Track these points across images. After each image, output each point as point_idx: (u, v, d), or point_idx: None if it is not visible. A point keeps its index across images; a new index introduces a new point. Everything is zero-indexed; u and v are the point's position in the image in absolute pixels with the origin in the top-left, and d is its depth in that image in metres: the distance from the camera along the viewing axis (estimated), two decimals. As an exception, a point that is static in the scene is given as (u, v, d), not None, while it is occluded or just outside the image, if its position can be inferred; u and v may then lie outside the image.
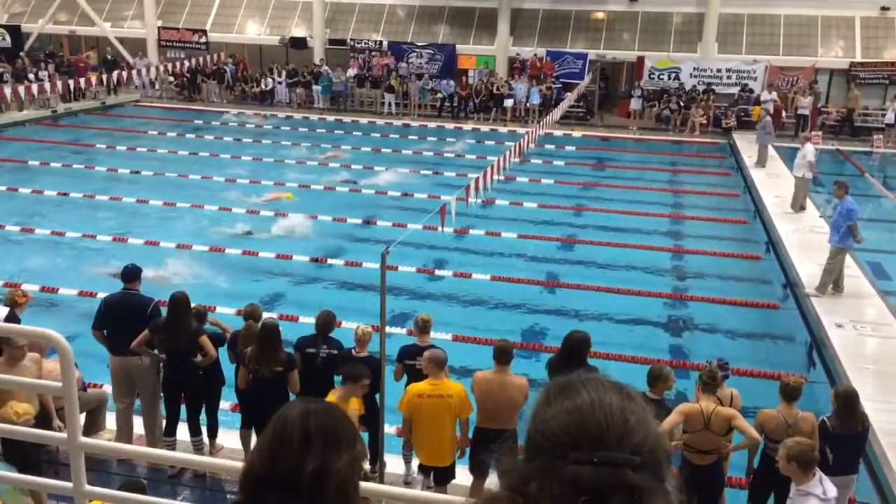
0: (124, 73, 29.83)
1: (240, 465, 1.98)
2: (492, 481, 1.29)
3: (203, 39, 32.71)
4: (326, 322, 7.45)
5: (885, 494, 7.47)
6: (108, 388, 8.14)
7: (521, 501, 1.20)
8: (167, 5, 33.82)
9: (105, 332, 7.60)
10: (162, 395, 7.69)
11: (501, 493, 1.24)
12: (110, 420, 7.85)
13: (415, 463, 7.21)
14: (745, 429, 6.17)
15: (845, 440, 6.43)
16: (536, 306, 12.34)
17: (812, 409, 6.83)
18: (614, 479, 1.14)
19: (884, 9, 27.78)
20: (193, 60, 31.30)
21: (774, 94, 26.72)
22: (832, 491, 5.39)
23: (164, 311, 7.54)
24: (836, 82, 28.30)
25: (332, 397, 6.38)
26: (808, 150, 16.57)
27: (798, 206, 16.67)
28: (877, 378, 9.43)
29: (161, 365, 7.58)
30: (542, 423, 1.24)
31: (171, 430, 7.60)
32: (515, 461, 1.25)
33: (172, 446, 7.46)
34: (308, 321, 8.71)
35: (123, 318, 7.48)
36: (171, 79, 31.41)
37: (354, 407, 6.36)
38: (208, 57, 31.92)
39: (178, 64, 31.30)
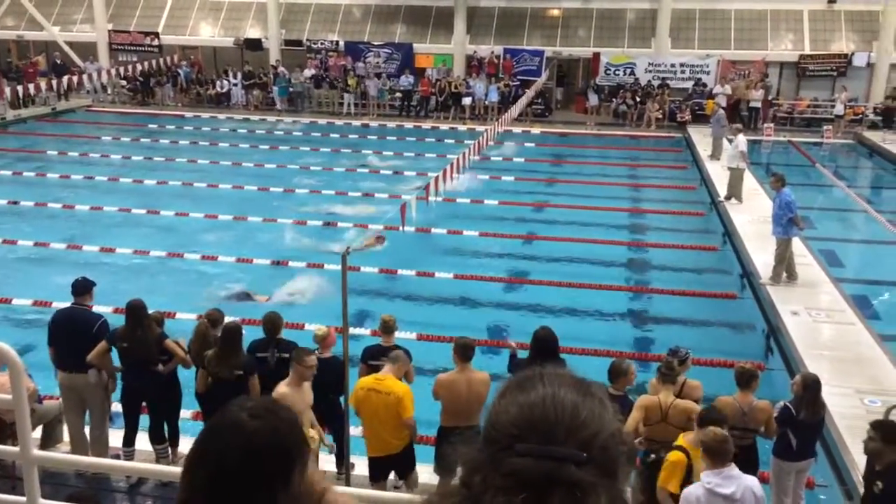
0: (75, 78, 29.22)
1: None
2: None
3: (155, 42, 32.19)
4: (274, 324, 7.36)
5: (843, 476, 7.64)
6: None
7: (466, 494, 1.17)
8: (117, 8, 33.19)
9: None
10: (120, 405, 7.55)
11: (449, 487, 1.23)
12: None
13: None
14: None
15: (810, 427, 6.56)
16: (500, 303, 12.39)
17: (770, 395, 6.96)
18: (556, 474, 1.12)
19: (830, 1, 28.45)
20: (146, 63, 30.79)
21: (728, 88, 27.19)
22: (741, 491, 5.19)
23: (112, 326, 7.40)
24: (786, 75, 28.91)
25: (283, 388, 6.33)
26: (741, 141, 16.95)
27: (736, 197, 16.97)
28: (832, 363, 9.64)
29: (109, 378, 7.43)
30: (494, 415, 1.23)
31: (129, 440, 7.46)
32: (471, 454, 1.22)
33: (131, 456, 7.33)
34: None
35: (69, 334, 7.30)
36: (124, 82, 30.85)
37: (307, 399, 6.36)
38: (161, 60, 31.42)
39: (130, 67, 30.75)
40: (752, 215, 15.92)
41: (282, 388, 6.29)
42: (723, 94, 26.64)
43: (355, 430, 7.29)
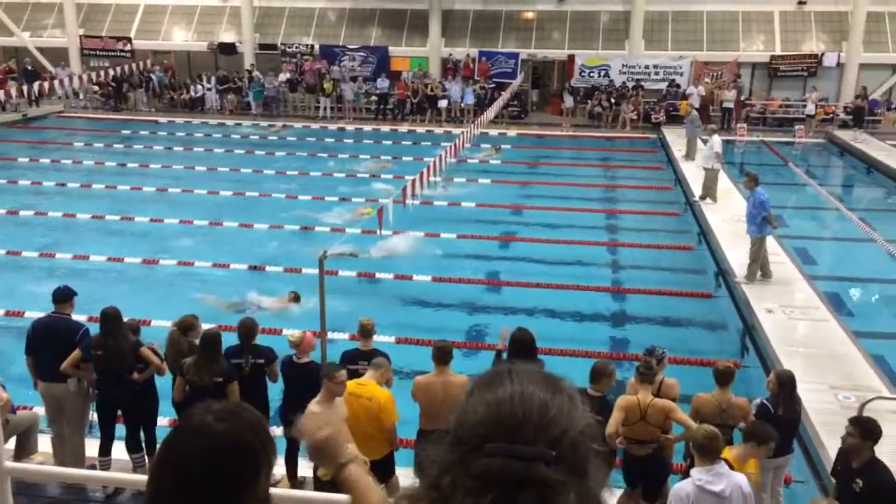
0: (46, 84, 28.85)
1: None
2: None
3: (128, 47, 31.86)
4: (250, 330, 7.30)
5: (819, 471, 7.73)
6: (38, 410, 7.87)
7: (436, 496, 1.16)
8: (89, 13, 32.82)
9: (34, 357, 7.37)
10: (95, 415, 7.46)
11: (419, 489, 1.22)
12: (45, 443, 7.58)
13: None
14: (683, 420, 6.30)
15: (787, 423, 6.63)
16: (479, 305, 12.40)
17: (746, 392, 7.04)
18: (525, 473, 1.11)
19: (800, 3, 28.85)
20: (119, 69, 30.47)
21: (701, 89, 27.45)
22: (730, 488, 5.26)
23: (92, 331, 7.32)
24: (758, 75, 29.26)
25: (313, 407, 6.09)
26: (716, 142, 17.07)
27: (711, 197, 17.12)
28: (807, 360, 9.76)
29: (88, 387, 7.35)
30: (462, 415, 1.21)
31: (105, 450, 7.37)
32: (440, 455, 1.21)
33: (108, 466, 7.24)
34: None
35: (51, 343, 7.22)
36: (96, 88, 30.50)
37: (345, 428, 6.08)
38: (134, 64, 31.12)
39: (102, 73, 30.42)
40: (727, 214, 16.08)
41: (313, 407, 6.11)
42: (696, 94, 26.89)
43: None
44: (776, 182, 19.44)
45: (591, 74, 29.30)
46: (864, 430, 5.55)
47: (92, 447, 7.50)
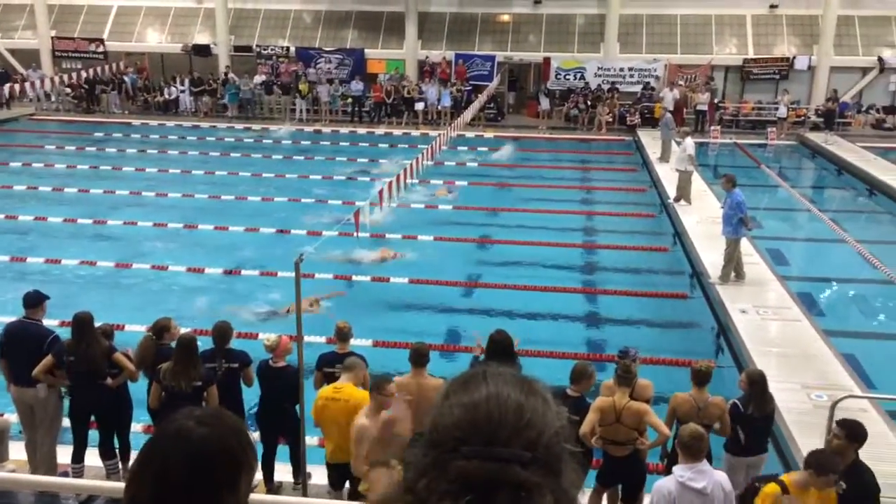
0: (17, 86, 28.43)
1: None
2: None
3: (100, 48, 31.51)
4: (223, 334, 7.26)
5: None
6: (10, 417, 7.76)
7: (412, 499, 1.16)
8: (61, 14, 32.41)
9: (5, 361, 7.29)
10: (69, 421, 7.37)
11: (395, 493, 1.21)
12: (19, 450, 7.48)
13: None
14: (656, 425, 6.36)
15: (759, 422, 6.71)
16: (456, 307, 12.41)
17: (721, 392, 7.11)
18: (501, 475, 1.12)
19: (772, 6, 29.21)
20: (91, 70, 30.12)
21: (676, 92, 27.67)
22: (711, 486, 5.35)
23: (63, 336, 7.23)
24: (731, 78, 29.59)
25: (362, 420, 5.96)
26: (689, 144, 17.19)
27: (685, 199, 17.25)
28: (780, 360, 9.89)
29: (62, 392, 7.26)
30: (438, 417, 1.21)
31: (79, 457, 7.28)
32: (415, 458, 1.21)
33: (81, 473, 7.15)
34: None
35: (20, 348, 7.16)
36: (68, 90, 30.13)
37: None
38: (107, 66, 30.77)
39: (74, 75, 30.06)
40: (701, 216, 16.23)
41: (361, 420, 6.00)
42: (671, 97, 27.11)
43: (311, 440, 7.23)
44: (749, 184, 19.64)
45: (567, 77, 29.46)
46: (851, 432, 5.60)
47: (64, 454, 7.41)
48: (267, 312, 11.67)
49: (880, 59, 28.19)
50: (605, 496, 6.89)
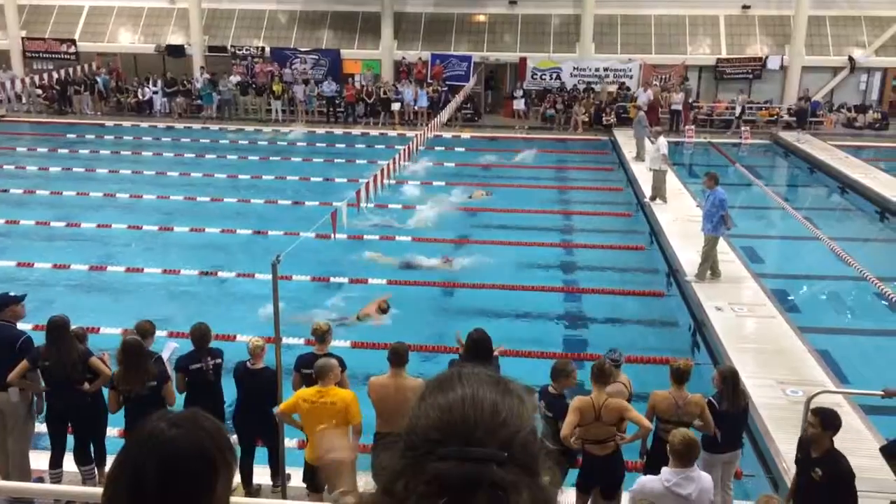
0: (-14, 87, 28.01)
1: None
2: None
3: (72, 49, 31.10)
4: (204, 334, 7.29)
5: (768, 464, 7.91)
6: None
7: (390, 501, 1.17)
8: (31, 14, 31.94)
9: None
10: (46, 427, 7.26)
11: (373, 495, 1.21)
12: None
13: None
14: (637, 420, 6.38)
15: (732, 418, 6.78)
16: (435, 308, 12.40)
17: (698, 389, 7.17)
18: (478, 475, 1.12)
19: (745, 7, 29.53)
20: (63, 71, 29.71)
21: (650, 92, 27.86)
22: (697, 492, 5.42)
23: (37, 340, 7.12)
24: (705, 78, 29.87)
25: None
26: (661, 143, 17.29)
27: (661, 197, 17.33)
28: (756, 356, 10.00)
29: (34, 397, 7.15)
30: (415, 419, 1.22)
31: (56, 462, 7.18)
32: (392, 460, 1.22)
33: (58, 478, 7.05)
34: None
35: None
36: (39, 91, 29.70)
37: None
38: (79, 67, 30.38)
39: (45, 75, 29.64)
40: (677, 215, 16.37)
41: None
42: (645, 97, 27.31)
43: (290, 442, 7.19)
44: (723, 183, 19.70)
45: (543, 77, 29.57)
46: (825, 420, 5.74)
47: (37, 459, 7.30)
48: (338, 319, 11.44)
49: (851, 59, 28.62)
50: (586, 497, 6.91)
